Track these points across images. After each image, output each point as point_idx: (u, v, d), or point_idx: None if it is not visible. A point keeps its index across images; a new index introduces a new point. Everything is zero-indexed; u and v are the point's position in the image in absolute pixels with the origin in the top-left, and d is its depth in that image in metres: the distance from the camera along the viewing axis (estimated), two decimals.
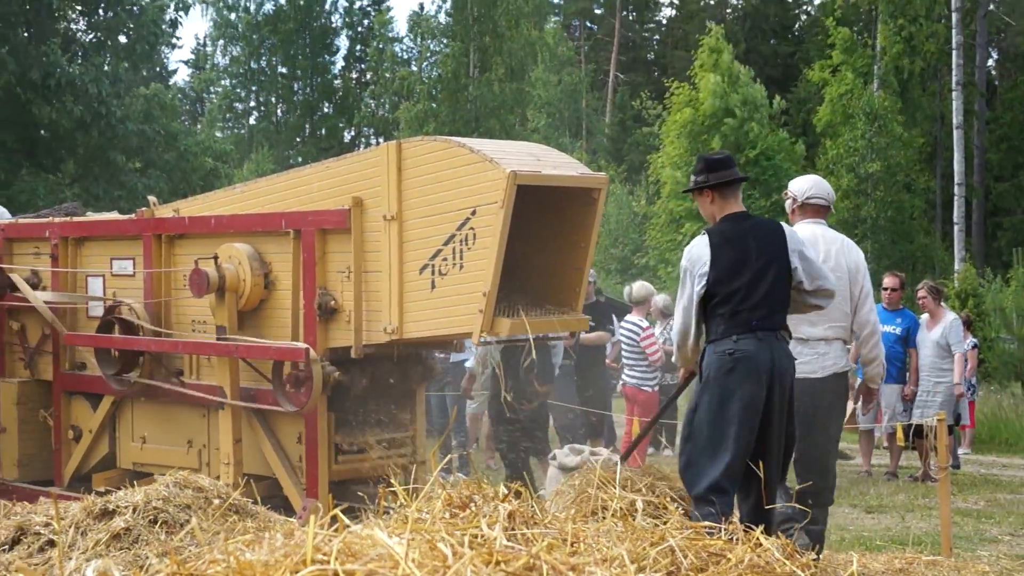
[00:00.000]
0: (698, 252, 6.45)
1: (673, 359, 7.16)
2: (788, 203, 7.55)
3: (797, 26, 55.13)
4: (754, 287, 6.30)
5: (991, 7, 41.88)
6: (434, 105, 39.42)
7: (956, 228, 30.10)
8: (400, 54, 49.85)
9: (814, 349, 7.11)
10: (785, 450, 6.42)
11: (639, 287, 13.33)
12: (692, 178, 6.73)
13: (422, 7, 50.50)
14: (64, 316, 9.16)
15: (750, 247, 6.37)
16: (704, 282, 6.37)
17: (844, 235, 7.55)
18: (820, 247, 7.08)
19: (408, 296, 7.29)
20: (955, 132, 30.26)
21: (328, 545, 3.07)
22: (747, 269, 6.32)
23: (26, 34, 21.13)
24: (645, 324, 12.84)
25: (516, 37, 39.12)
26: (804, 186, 7.53)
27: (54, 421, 9.35)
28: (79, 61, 22.15)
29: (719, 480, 6.14)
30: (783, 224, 6.68)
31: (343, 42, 55.90)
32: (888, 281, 13.46)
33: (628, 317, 13.08)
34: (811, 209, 7.40)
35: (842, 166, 32.99)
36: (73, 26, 23.63)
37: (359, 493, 7.44)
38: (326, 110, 55.30)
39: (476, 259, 6.91)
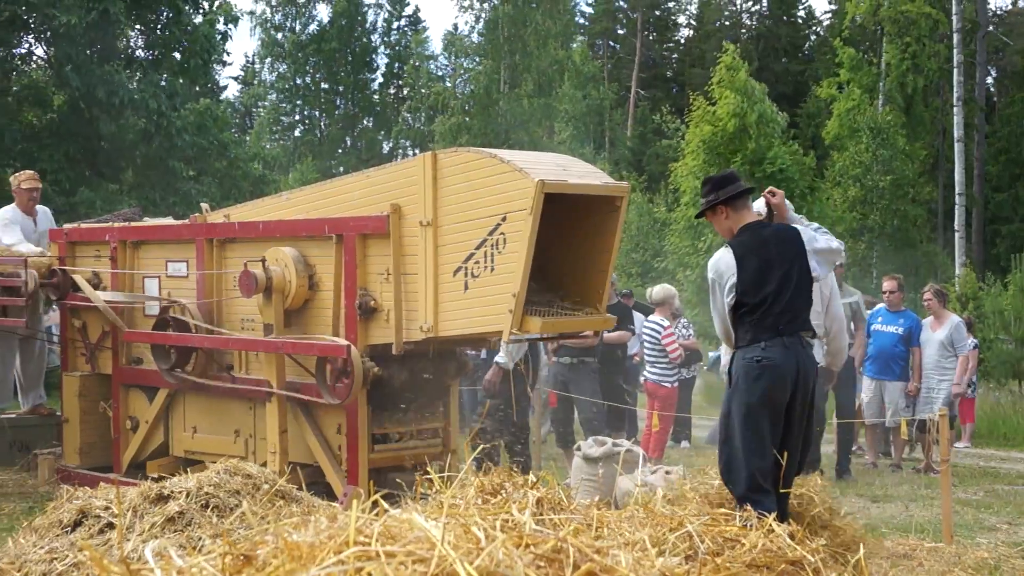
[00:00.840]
0: (725, 264, 6.43)
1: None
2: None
3: (807, 46, 55.00)
4: (780, 293, 6.27)
5: (990, 28, 41.65)
6: (467, 119, 39.46)
7: (957, 235, 29.94)
8: (435, 71, 49.87)
9: None
10: (804, 443, 6.39)
11: (660, 289, 13.31)
12: (702, 201, 6.69)
13: (456, 27, 50.53)
14: (123, 314, 9.21)
15: (772, 254, 6.34)
16: (733, 293, 6.36)
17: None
18: None
19: (443, 297, 7.28)
20: (956, 145, 30.10)
21: (369, 528, 3.07)
22: (772, 277, 6.29)
23: (89, 51, 21.17)
24: (666, 324, 12.81)
25: (544, 56, 39.14)
26: None
27: (113, 412, 9.41)
28: (138, 77, 22.21)
29: (757, 480, 6.09)
30: (798, 228, 6.63)
31: (382, 60, 56.00)
32: (887, 284, 13.31)
33: (651, 317, 13.07)
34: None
35: (849, 178, 32.84)
36: (132, 43, 23.69)
37: (397, 480, 7.45)
38: (366, 123, 55.40)
39: (506, 262, 6.89)
